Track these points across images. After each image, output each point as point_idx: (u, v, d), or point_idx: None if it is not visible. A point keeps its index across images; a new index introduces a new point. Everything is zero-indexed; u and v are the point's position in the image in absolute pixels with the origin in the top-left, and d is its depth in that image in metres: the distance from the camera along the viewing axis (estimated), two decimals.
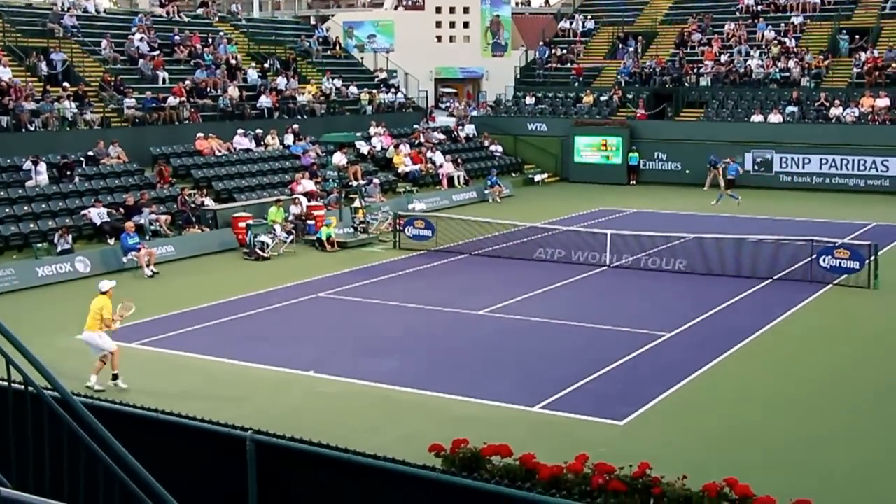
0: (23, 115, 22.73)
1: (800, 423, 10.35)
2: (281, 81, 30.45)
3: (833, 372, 12.22)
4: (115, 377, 11.39)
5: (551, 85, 36.21)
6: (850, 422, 10.42)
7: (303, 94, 30.40)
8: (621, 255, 18.67)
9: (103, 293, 11.68)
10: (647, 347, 12.99)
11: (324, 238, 20.89)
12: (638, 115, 32.61)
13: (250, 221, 20.74)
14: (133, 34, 28.82)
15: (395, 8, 43.84)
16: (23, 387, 4.65)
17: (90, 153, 23.07)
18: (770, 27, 35.06)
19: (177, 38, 29.90)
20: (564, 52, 37.66)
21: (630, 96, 33.87)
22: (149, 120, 25.46)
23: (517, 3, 51.02)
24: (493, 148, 33.03)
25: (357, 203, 22.82)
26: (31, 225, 19.67)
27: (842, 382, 11.81)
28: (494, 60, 43.39)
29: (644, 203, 26.84)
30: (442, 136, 32.40)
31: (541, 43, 39.29)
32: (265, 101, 28.73)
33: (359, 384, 11.60)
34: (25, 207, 20.18)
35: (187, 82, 27.55)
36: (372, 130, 30.29)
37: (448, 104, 37.26)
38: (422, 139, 31.22)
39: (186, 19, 32.39)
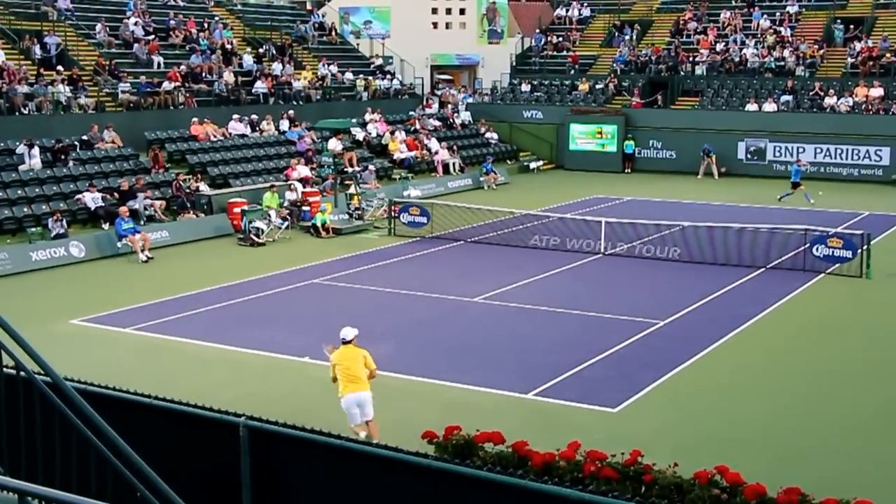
0: (16, 98, 22.60)
1: (791, 411, 10.42)
2: (276, 67, 30.31)
3: (825, 360, 12.29)
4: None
5: (547, 72, 36.11)
6: (842, 410, 10.49)
7: (298, 79, 30.26)
8: (616, 242, 18.71)
9: (348, 342, 9.04)
10: (641, 335, 13.04)
11: (319, 224, 20.88)
12: (633, 103, 32.56)
13: (245, 207, 20.72)
14: (128, 18, 28.62)
15: None
16: (14, 372, 4.64)
17: (84, 137, 22.97)
18: (765, 16, 35.01)
19: (172, 22, 29.70)
20: (560, 39, 37.54)
21: (626, 84, 33.82)
22: (143, 104, 25.34)
23: None
24: (488, 135, 32.97)
25: (352, 189, 22.79)
26: (25, 209, 19.64)
27: (834, 371, 11.88)
28: (490, 47, 43.19)
29: (639, 191, 26.87)
30: (437, 123, 32.32)
31: (537, 30, 39.14)
32: (261, 86, 28.60)
33: None
34: (19, 191, 20.12)
35: (182, 67, 27.41)
36: (367, 117, 30.20)
37: (442, 91, 37.07)
38: (417, 126, 31.14)
39: (182, 3, 32.17)
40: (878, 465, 9.04)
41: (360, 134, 29.13)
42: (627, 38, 36.03)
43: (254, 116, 27.09)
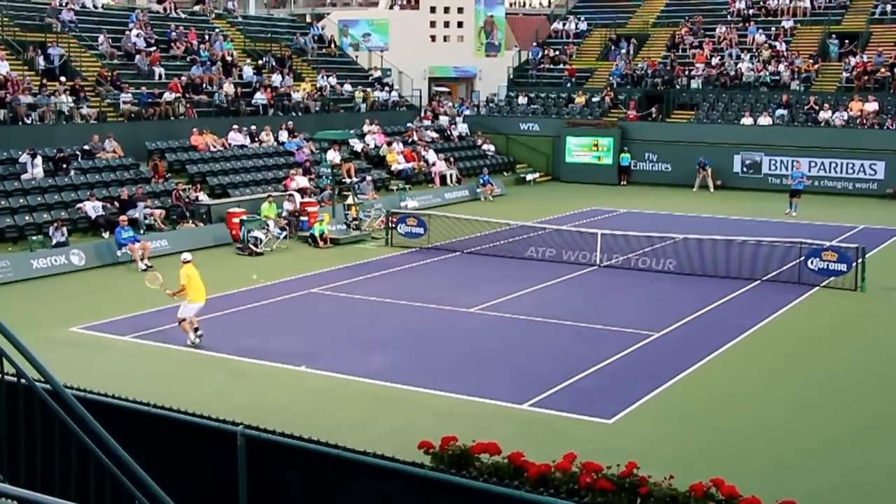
0: (19, 108, 22.74)
1: (786, 424, 10.48)
2: (276, 78, 30.48)
3: (819, 373, 12.37)
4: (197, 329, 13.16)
5: (544, 85, 36.33)
6: (837, 422, 10.55)
7: (297, 91, 30.43)
8: (612, 254, 18.81)
9: (188, 262, 13.18)
10: (636, 346, 13.11)
11: (317, 234, 20.97)
12: (629, 116, 32.75)
13: (244, 217, 20.83)
14: (130, 30, 28.80)
15: (390, 7, 43.77)
16: (15, 379, 4.70)
17: (86, 147, 23.11)
18: (761, 31, 35.25)
19: (173, 34, 29.88)
20: (557, 52, 37.78)
21: (622, 98, 34.02)
22: (144, 115, 25.48)
23: (511, 4, 51.07)
24: (485, 147, 33.14)
25: (350, 200, 22.90)
26: (27, 217, 19.75)
27: (828, 384, 11.95)
28: (488, 60, 43.41)
29: (634, 203, 26.99)
30: (435, 135, 32.49)
31: (534, 44, 39.39)
32: (260, 97, 28.76)
33: (349, 379, 11.70)
34: (21, 200, 20.25)
35: (183, 78, 27.56)
36: (366, 128, 30.35)
37: (444, 103, 37.26)
38: (415, 137, 31.30)
39: (183, 16, 32.36)
40: (873, 476, 9.11)
41: (358, 145, 29.27)
42: (624, 51, 36.26)
43: (253, 127, 27.23)
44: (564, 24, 39.60)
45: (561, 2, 51.05)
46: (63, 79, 24.80)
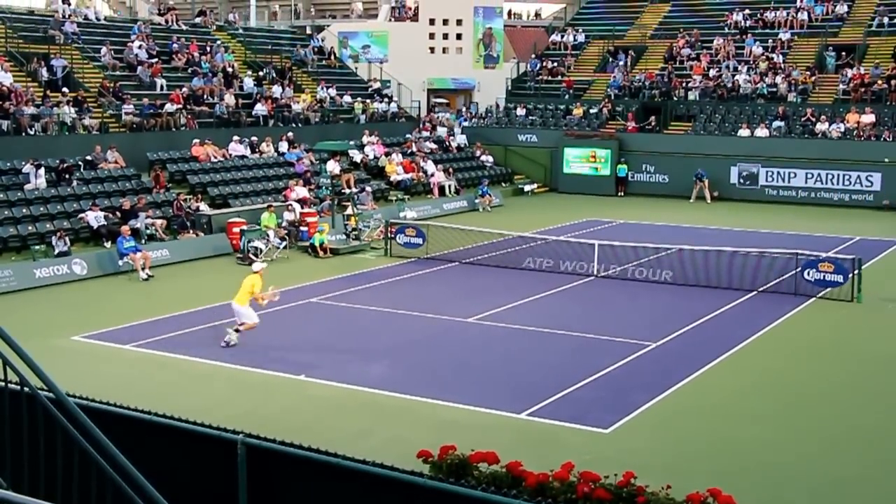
0: (23, 119, 22.89)
1: (783, 434, 10.54)
2: (276, 90, 30.66)
3: (816, 384, 12.44)
4: (237, 330, 13.53)
5: (542, 97, 36.53)
6: (832, 433, 10.61)
7: (297, 102, 30.60)
8: (609, 265, 18.91)
9: (255, 272, 13.74)
10: (633, 356, 13.18)
11: (316, 244, 21.08)
12: (629, 127, 32.92)
13: (244, 227, 20.94)
14: (132, 41, 28.99)
15: (390, 19, 43.99)
16: (18, 387, 4.77)
17: (88, 157, 23.24)
18: (758, 43, 35.49)
19: (175, 45, 30.07)
20: (555, 64, 38.01)
21: (619, 109, 34.22)
22: (146, 126, 25.63)
23: (509, 16, 51.33)
24: (483, 158, 33.28)
25: (349, 210, 23.00)
26: (30, 227, 19.87)
27: (824, 394, 12.03)
28: (486, 72, 43.59)
29: (632, 214, 27.10)
30: (433, 146, 32.64)
31: (532, 55, 39.64)
32: (261, 108, 28.92)
33: (348, 388, 11.78)
34: (24, 210, 20.37)
35: (184, 89, 27.72)
36: (365, 139, 30.50)
37: (439, 114, 37.42)
38: (414, 148, 31.45)
39: (184, 28, 32.58)
40: (868, 486, 9.17)
41: (357, 156, 29.40)
42: (621, 63, 36.48)
43: (254, 138, 27.37)
44: (563, 36, 39.85)
45: (559, 14, 51.42)
46: (66, 90, 24.95)
